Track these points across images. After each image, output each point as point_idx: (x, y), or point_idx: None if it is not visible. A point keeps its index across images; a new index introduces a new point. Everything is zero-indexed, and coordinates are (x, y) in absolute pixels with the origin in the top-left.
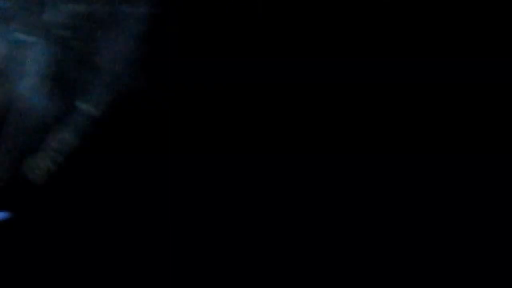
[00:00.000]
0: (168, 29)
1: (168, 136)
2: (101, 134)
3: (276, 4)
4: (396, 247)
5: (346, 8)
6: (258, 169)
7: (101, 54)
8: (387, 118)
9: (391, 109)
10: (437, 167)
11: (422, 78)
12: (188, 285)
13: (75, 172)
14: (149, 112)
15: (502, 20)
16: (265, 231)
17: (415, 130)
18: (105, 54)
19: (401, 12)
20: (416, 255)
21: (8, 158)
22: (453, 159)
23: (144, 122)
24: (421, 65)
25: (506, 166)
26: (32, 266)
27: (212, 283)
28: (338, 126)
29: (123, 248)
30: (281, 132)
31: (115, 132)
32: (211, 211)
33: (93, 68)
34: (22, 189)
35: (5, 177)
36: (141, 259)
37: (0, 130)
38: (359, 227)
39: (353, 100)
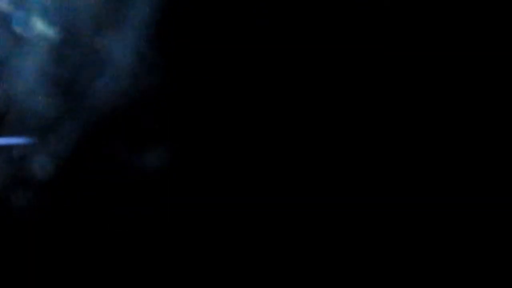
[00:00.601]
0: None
1: (170, 136)
2: (103, 134)
3: None
4: None
5: None
6: None
7: (105, 52)
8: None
9: None
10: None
11: None
12: None
13: (76, 172)
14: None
15: None
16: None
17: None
18: (109, 52)
19: None
20: None
21: (8, 158)
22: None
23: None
24: None
25: None
26: (32, 266)
27: None
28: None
29: (123, 248)
30: None
31: (117, 132)
32: None
33: (97, 66)
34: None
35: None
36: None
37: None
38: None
39: None
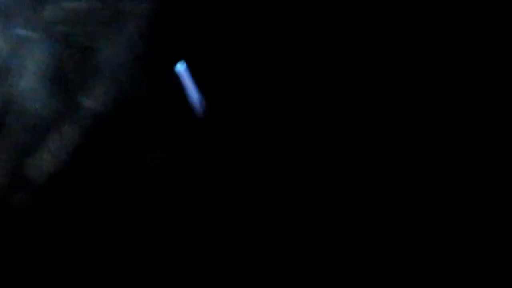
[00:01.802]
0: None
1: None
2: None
3: None
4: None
5: None
6: None
7: (103, 51)
8: None
9: None
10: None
11: None
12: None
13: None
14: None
15: None
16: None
17: None
18: (107, 51)
19: None
20: None
21: (8, 157)
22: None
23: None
24: None
25: None
26: (32, 265)
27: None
28: None
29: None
30: None
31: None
32: None
33: (95, 65)
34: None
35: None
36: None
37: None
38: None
39: None
